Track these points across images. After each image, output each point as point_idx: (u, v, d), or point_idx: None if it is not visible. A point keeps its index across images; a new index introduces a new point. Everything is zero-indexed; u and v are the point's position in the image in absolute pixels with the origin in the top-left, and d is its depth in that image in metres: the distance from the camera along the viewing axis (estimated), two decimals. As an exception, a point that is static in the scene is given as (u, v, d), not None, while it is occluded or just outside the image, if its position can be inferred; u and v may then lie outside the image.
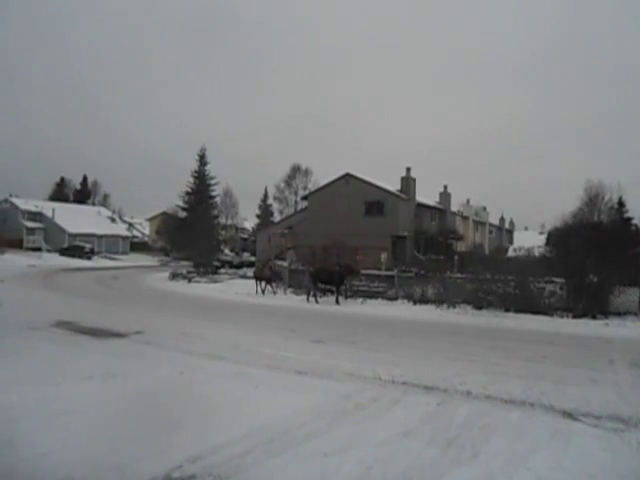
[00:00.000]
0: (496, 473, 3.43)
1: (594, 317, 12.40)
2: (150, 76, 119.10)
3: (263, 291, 18.84)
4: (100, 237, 51.29)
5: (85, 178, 71.66)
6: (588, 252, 13.54)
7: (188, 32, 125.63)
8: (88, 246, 45.27)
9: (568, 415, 4.78)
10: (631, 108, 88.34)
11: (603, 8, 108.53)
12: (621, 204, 30.91)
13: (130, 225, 63.00)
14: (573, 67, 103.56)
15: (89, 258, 42.78)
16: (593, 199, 32.83)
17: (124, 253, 53.08)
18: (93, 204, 67.67)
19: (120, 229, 57.14)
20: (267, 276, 19.17)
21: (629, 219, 24.87)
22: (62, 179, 70.85)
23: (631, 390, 5.80)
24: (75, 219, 50.40)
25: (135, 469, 3.34)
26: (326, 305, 15.28)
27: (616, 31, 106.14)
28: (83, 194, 70.04)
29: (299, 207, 48.08)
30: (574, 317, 12.52)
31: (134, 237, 60.72)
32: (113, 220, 58.03)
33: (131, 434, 3.99)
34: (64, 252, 43.12)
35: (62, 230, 48.27)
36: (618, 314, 12.64)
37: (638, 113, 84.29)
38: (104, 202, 71.50)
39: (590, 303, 12.84)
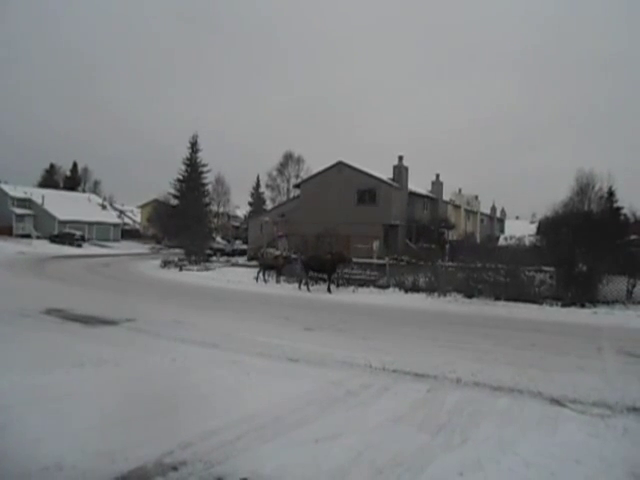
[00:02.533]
0: (484, 458, 3.49)
1: (583, 305, 12.54)
2: (142, 62, 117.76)
3: (265, 280, 18.82)
4: (91, 224, 50.95)
5: (75, 164, 71.05)
6: (578, 241, 13.67)
7: (183, 18, 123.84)
8: (78, 233, 44.97)
9: (556, 401, 4.86)
10: (622, 98, 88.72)
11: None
12: (611, 194, 31.11)
13: (121, 212, 62.68)
14: (564, 57, 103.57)
15: (79, 245, 42.49)
16: (584, 189, 33.03)
17: (115, 240, 52.79)
18: (83, 191, 67.08)
19: (111, 216, 56.76)
20: (280, 265, 19.09)
21: (619, 209, 25.05)
22: (52, 165, 70.19)
23: (617, 377, 5.89)
24: (65, 206, 49.99)
25: (126, 455, 3.35)
26: (318, 293, 15.33)
27: (607, 20, 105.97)
28: (73, 181, 69.40)
29: (291, 195, 47.98)
30: (563, 305, 12.66)
31: (125, 224, 60.44)
32: (104, 207, 57.57)
33: (122, 420, 3.99)
34: (54, 239, 42.82)
35: (52, 217, 47.89)
36: (606, 302, 12.79)
37: (628, 103, 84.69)
38: (94, 189, 70.94)
39: (579, 292, 12.98)
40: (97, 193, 66.91)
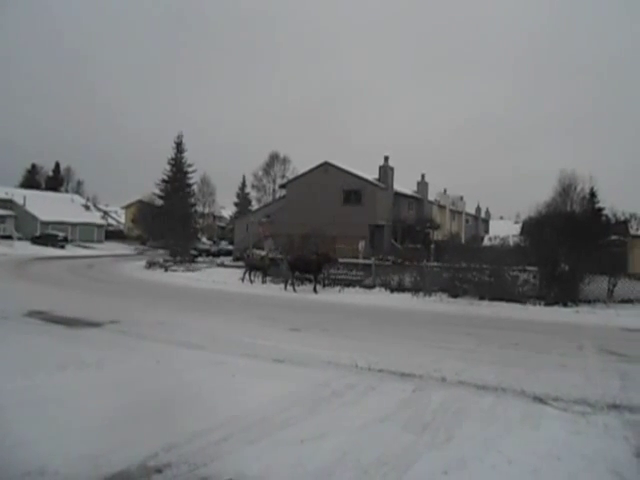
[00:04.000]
0: (468, 456, 3.52)
1: (565, 305, 12.74)
2: (126, 61, 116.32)
3: (251, 280, 18.78)
4: (74, 225, 50.20)
5: (57, 165, 69.97)
6: (560, 241, 13.85)
7: (168, 16, 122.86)
8: (61, 234, 44.27)
9: (538, 399, 4.93)
10: (604, 101, 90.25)
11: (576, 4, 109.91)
12: (593, 194, 31.64)
13: (105, 213, 61.92)
14: (550, 61, 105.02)
15: (62, 247, 41.84)
16: (566, 189, 33.52)
17: (99, 242, 52.09)
18: (66, 191, 66.08)
19: (94, 217, 55.96)
20: (266, 265, 19.06)
21: (600, 209, 25.46)
22: (33, 166, 69.06)
23: (598, 375, 5.99)
24: (47, 207, 49.14)
25: (109, 459, 3.31)
26: (304, 294, 15.33)
27: (590, 25, 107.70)
28: (55, 181, 68.34)
29: (277, 195, 47.93)
30: (546, 305, 12.84)
31: (109, 225, 59.72)
32: (87, 208, 56.74)
33: (105, 424, 3.96)
34: (36, 240, 42.12)
35: (34, 218, 47.07)
36: (588, 302, 13.01)
37: (610, 106, 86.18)
38: (77, 189, 69.94)
39: (562, 291, 13.18)
40: (80, 193, 65.91)
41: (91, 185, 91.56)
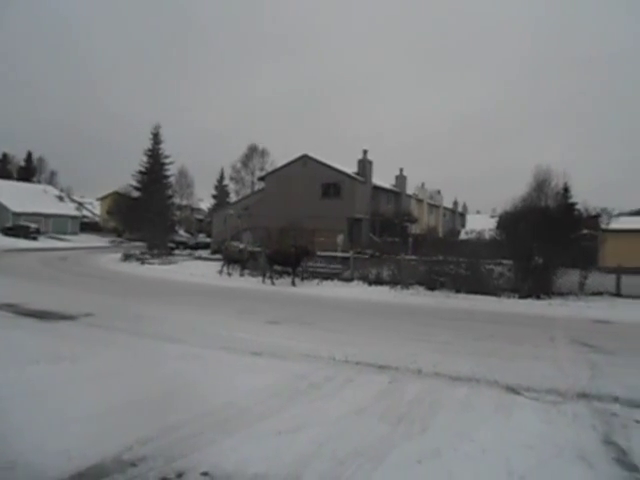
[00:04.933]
0: (443, 446, 3.59)
1: (539, 297, 13.02)
2: (103, 50, 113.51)
3: (229, 273, 18.67)
4: (47, 217, 48.95)
5: (30, 154, 68.03)
6: (535, 235, 14.12)
7: (146, 6, 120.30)
8: (34, 226, 43.18)
9: (511, 390, 5.04)
10: (579, 99, 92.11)
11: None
12: (566, 190, 32.23)
13: (79, 204, 60.43)
14: (525, 56, 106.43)
15: (35, 238, 40.85)
16: (541, 185, 34.03)
17: (73, 234, 50.95)
18: (39, 182, 64.31)
19: (69, 208, 54.62)
20: (244, 258, 18.97)
21: (573, 204, 25.99)
22: (4, 155, 67.21)
23: (569, 365, 6.16)
24: (19, 197, 47.79)
25: (83, 452, 3.27)
26: (282, 287, 15.31)
27: (568, 22, 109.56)
28: (28, 171, 66.43)
29: (256, 188, 47.59)
30: (520, 297, 13.11)
31: (84, 217, 58.36)
32: (61, 199, 55.33)
33: (79, 417, 3.90)
34: (8, 232, 40.99)
35: (5, 209, 45.77)
36: (561, 294, 13.35)
37: (585, 104, 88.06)
38: (51, 180, 68.16)
39: (535, 284, 13.47)
40: (54, 184, 64.22)
41: (65, 176, 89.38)
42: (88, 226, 56.18)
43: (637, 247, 18.70)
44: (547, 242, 13.68)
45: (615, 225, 19.62)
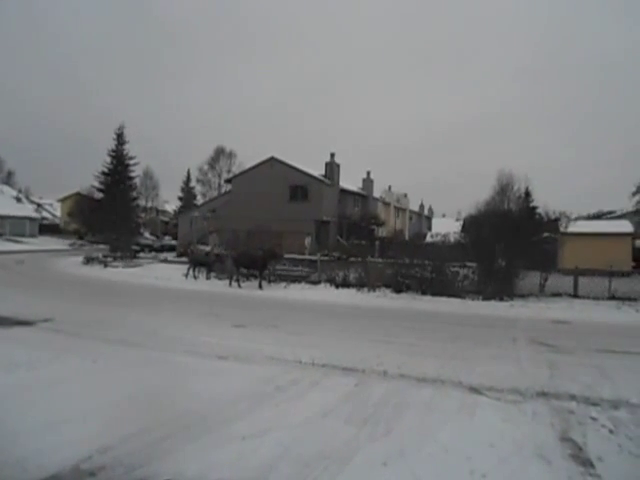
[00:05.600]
0: (407, 447, 3.63)
1: (501, 299, 13.35)
2: (64, 47, 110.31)
3: (195, 276, 18.41)
4: (3, 218, 47.06)
5: (-15, 154, 65.36)
6: (498, 238, 14.49)
7: (112, 6, 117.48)
8: (-13, 228, 41.51)
9: (474, 390, 5.15)
10: (539, 104, 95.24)
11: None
12: (528, 194, 33.22)
13: (39, 206, 58.47)
14: (494, 62, 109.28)
15: (-11, 241, 39.27)
16: (504, 189, 34.99)
17: (32, 236, 49.15)
18: (-5, 182, 61.87)
19: (27, 210, 52.70)
20: (210, 261, 18.75)
21: (534, 208, 26.82)
22: (-42, 153, 64.22)
23: (529, 365, 6.34)
24: (-27, 198, 45.92)
25: (40, 462, 3.15)
26: (249, 290, 15.19)
27: (536, 25, 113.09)
28: (-18, 171, 63.87)
29: (223, 190, 47.09)
30: (484, 299, 13.40)
31: (44, 219, 56.47)
32: (19, 200, 53.33)
33: (35, 426, 3.75)
34: (-40, 234, 39.28)
35: (-42, 210, 43.86)
36: (522, 296, 13.73)
37: (544, 109, 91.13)
38: (8, 180, 65.60)
39: (498, 286, 13.81)
40: (11, 185, 61.88)
41: (23, 176, 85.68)
42: (48, 228, 54.28)
43: (593, 250, 19.39)
44: (509, 245, 14.06)
45: (573, 228, 20.30)
